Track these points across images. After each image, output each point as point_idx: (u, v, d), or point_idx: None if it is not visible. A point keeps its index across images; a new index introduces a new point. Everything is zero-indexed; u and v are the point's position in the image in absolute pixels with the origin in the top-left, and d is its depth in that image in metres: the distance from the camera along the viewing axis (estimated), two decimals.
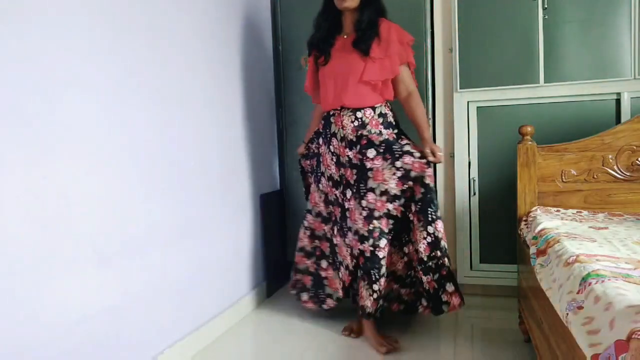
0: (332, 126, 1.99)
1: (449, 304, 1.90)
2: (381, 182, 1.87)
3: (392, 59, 1.90)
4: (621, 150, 1.88)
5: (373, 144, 1.90)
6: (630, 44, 2.22)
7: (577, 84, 2.29)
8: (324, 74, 1.99)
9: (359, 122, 1.93)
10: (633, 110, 2.22)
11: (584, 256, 1.10)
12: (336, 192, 2.01)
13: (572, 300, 0.96)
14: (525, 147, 1.93)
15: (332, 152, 2.00)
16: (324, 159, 2.04)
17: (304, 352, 1.91)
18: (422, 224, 1.87)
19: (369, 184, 1.89)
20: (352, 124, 1.93)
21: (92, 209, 1.40)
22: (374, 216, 1.89)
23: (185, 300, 1.87)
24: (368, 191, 1.89)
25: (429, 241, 1.87)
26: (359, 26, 1.90)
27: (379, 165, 1.88)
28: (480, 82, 2.44)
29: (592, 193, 1.91)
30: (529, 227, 1.72)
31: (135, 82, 1.60)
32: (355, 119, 1.94)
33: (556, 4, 2.29)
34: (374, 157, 1.89)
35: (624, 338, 0.69)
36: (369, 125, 1.93)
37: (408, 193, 1.89)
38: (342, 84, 1.92)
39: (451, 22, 2.47)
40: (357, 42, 1.90)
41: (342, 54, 1.93)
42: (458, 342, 1.98)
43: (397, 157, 1.87)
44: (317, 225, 2.16)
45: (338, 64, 1.94)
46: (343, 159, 1.97)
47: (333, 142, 1.99)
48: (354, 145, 1.93)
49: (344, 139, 1.95)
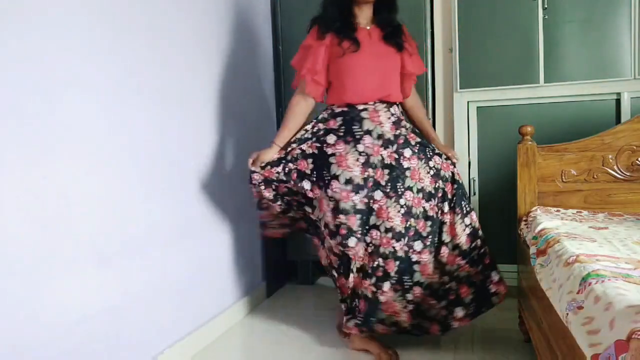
0: (366, 122, 1.80)
1: (498, 294, 1.82)
2: (417, 180, 1.80)
3: (418, 55, 1.95)
4: (621, 150, 1.88)
5: (409, 143, 1.84)
6: (630, 44, 2.22)
7: (577, 84, 2.29)
8: (351, 62, 1.78)
9: (396, 118, 1.85)
10: (633, 110, 2.22)
11: (584, 256, 1.10)
12: (354, 197, 1.76)
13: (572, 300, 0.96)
14: (525, 147, 1.93)
15: (360, 152, 1.78)
16: (341, 159, 1.78)
17: (305, 353, 1.91)
18: (460, 217, 1.83)
19: (406, 183, 1.79)
20: (389, 120, 1.82)
21: (92, 209, 1.40)
22: (411, 213, 1.78)
23: (185, 300, 1.87)
24: (406, 190, 1.79)
25: (467, 232, 1.83)
26: (389, 21, 1.85)
27: (415, 165, 1.81)
28: (480, 82, 2.44)
29: (592, 193, 1.91)
30: (529, 227, 1.72)
31: (135, 82, 1.60)
32: (391, 115, 1.84)
33: (556, 4, 2.29)
34: (410, 156, 1.81)
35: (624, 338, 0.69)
36: (403, 121, 1.89)
37: (440, 193, 1.83)
38: (384, 75, 1.82)
39: (451, 22, 2.47)
40: (391, 36, 1.83)
41: (374, 45, 1.82)
42: (458, 342, 1.98)
43: (429, 157, 1.85)
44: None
45: (374, 53, 1.80)
46: (374, 158, 1.78)
47: (365, 141, 1.79)
48: (391, 144, 1.81)
49: (381, 137, 1.80)
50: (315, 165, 1.82)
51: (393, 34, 1.84)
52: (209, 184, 2.05)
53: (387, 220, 1.76)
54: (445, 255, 1.81)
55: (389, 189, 1.78)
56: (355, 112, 1.81)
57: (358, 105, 1.81)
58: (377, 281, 1.77)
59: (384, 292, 1.77)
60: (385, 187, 1.79)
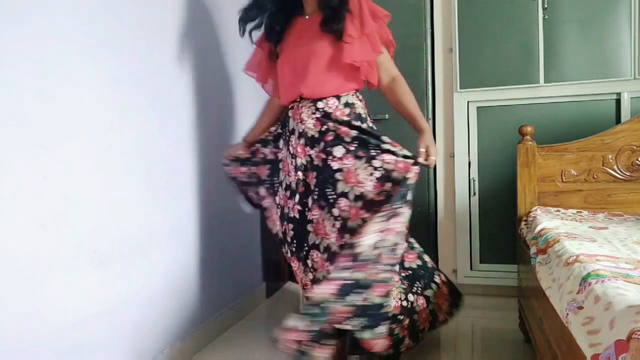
0: (290, 122, 1.65)
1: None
2: (355, 184, 1.50)
3: (372, 37, 1.57)
4: (621, 150, 1.88)
5: (341, 140, 1.54)
6: (630, 44, 2.22)
7: (577, 84, 2.30)
8: (279, 62, 1.68)
9: (321, 114, 1.59)
10: (633, 110, 2.22)
11: (584, 256, 1.10)
12: (290, 203, 1.63)
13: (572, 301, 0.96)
14: (525, 147, 1.93)
15: (291, 153, 1.64)
16: (284, 164, 1.68)
17: None
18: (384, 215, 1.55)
19: (338, 187, 1.52)
20: (312, 115, 1.59)
21: (92, 209, 1.40)
22: (347, 227, 1.51)
23: (185, 300, 1.87)
24: (339, 197, 1.51)
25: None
26: (327, 5, 1.57)
27: (350, 165, 1.52)
28: (480, 82, 2.44)
29: (592, 193, 1.91)
30: (529, 227, 1.72)
31: (135, 82, 1.60)
32: (316, 110, 1.59)
33: (556, 4, 2.29)
34: (342, 155, 1.53)
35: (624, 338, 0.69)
36: (333, 115, 1.58)
37: (383, 196, 1.49)
38: (302, 71, 1.59)
39: (451, 22, 2.47)
40: (327, 22, 1.56)
41: (304, 37, 1.62)
42: (458, 342, 1.98)
43: (373, 155, 1.51)
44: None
45: (297, 48, 1.62)
46: (302, 160, 1.60)
47: (292, 141, 1.64)
48: (317, 142, 1.57)
49: (303, 135, 1.60)
50: (270, 172, 1.78)
51: (333, 17, 1.55)
52: (209, 184, 2.05)
53: (324, 237, 1.55)
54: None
55: (317, 195, 1.56)
56: (287, 112, 1.71)
57: (288, 104, 1.69)
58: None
59: None
60: (313, 192, 1.57)
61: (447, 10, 2.50)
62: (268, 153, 1.79)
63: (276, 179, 1.75)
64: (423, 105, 2.54)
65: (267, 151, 1.79)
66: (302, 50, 1.61)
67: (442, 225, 2.56)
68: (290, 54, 1.64)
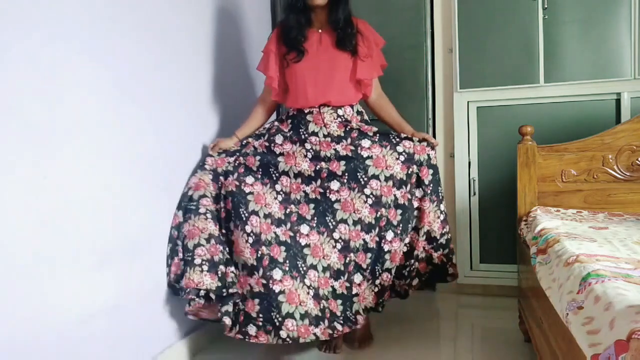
0: (311, 125, 1.89)
1: (454, 275, 1.95)
2: (384, 168, 1.83)
3: (375, 59, 1.95)
4: (621, 150, 1.88)
5: (366, 134, 1.87)
6: (630, 44, 2.22)
7: (577, 84, 2.29)
8: (298, 69, 1.89)
9: (343, 119, 1.91)
10: (633, 110, 2.22)
11: (584, 256, 1.10)
12: (306, 188, 1.85)
13: (572, 300, 0.96)
14: (525, 147, 1.93)
15: (307, 149, 1.87)
16: (288, 157, 1.86)
17: (305, 352, 1.91)
18: (435, 205, 1.90)
19: (369, 171, 1.82)
20: (335, 120, 1.90)
21: (92, 209, 1.40)
22: (381, 203, 1.81)
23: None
24: (370, 179, 1.82)
25: (442, 219, 1.91)
26: (337, 24, 1.87)
27: (378, 153, 1.84)
28: (480, 82, 2.44)
29: (592, 193, 1.91)
30: (529, 227, 1.72)
31: (135, 82, 1.60)
32: (338, 116, 1.91)
33: (556, 4, 2.29)
34: (369, 146, 1.85)
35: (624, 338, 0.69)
36: (353, 122, 1.92)
37: (414, 178, 1.86)
38: (326, 81, 1.88)
39: (451, 22, 2.47)
40: (342, 41, 1.87)
41: (322, 50, 1.89)
42: (458, 342, 1.98)
43: (395, 142, 1.87)
44: (264, 228, 1.76)
45: (319, 60, 1.88)
46: (326, 152, 1.85)
47: (311, 140, 1.87)
48: (343, 139, 1.87)
49: (329, 136, 1.88)
50: (261, 162, 1.87)
51: (346, 37, 1.87)
52: None
53: (353, 212, 1.81)
54: (415, 241, 1.89)
55: (345, 179, 1.83)
56: (302, 116, 1.91)
57: (305, 109, 1.91)
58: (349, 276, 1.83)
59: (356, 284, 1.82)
60: (342, 177, 1.83)
61: (447, 10, 2.50)
62: (258, 146, 1.92)
63: (273, 170, 1.87)
64: (423, 105, 2.54)
65: (257, 144, 1.93)
66: (324, 62, 1.88)
67: None
68: (312, 64, 1.88)
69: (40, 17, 1.25)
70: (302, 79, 1.89)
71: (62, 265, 1.29)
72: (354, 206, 1.81)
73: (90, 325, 1.38)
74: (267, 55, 1.94)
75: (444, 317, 2.32)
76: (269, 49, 1.93)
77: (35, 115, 1.23)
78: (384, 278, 1.85)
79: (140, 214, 1.61)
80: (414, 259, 1.89)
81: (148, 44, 1.67)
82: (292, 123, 1.93)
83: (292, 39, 1.87)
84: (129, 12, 1.58)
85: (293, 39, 1.87)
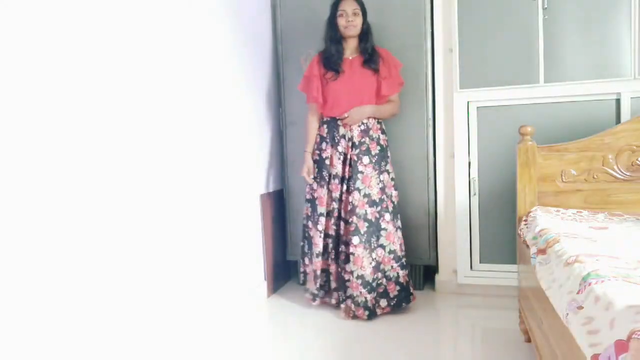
0: (342, 129, 2.35)
1: (413, 295, 2.32)
2: (367, 186, 2.27)
3: (395, 78, 2.39)
4: (621, 150, 1.88)
5: (369, 152, 2.31)
6: (630, 44, 2.22)
7: (577, 84, 2.29)
8: (335, 86, 2.35)
9: (365, 127, 2.34)
10: (633, 110, 2.22)
11: (584, 256, 1.10)
12: (339, 187, 2.33)
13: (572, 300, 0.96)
14: (525, 147, 1.93)
15: (339, 152, 2.33)
16: (331, 160, 2.35)
17: (306, 351, 1.91)
18: (396, 229, 2.30)
19: (356, 184, 2.27)
20: (359, 128, 2.34)
21: (92, 209, 1.40)
22: (355, 212, 2.25)
23: (186, 300, 1.87)
24: (354, 190, 2.27)
25: (401, 242, 2.32)
26: (365, 50, 2.35)
27: (368, 172, 2.28)
28: (480, 82, 2.44)
29: (592, 193, 1.91)
30: (529, 227, 1.72)
31: (135, 82, 1.60)
32: (362, 124, 2.33)
33: (556, 4, 2.29)
34: (367, 163, 2.29)
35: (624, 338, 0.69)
36: (371, 131, 2.34)
37: (384, 204, 2.28)
38: (357, 96, 2.33)
39: (451, 22, 2.47)
40: (369, 62, 2.33)
41: (354, 72, 2.34)
42: (458, 342, 1.98)
43: (381, 171, 2.32)
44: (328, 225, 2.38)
45: (353, 79, 2.34)
46: (348, 156, 2.32)
47: (342, 143, 2.34)
48: (356, 147, 2.31)
49: (351, 140, 2.33)
50: (317, 169, 2.39)
51: (370, 60, 2.35)
52: (210, 184, 2.05)
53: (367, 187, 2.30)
54: (381, 257, 2.25)
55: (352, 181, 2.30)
56: (335, 122, 2.37)
57: (337, 117, 2.35)
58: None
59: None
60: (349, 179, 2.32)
61: (447, 10, 2.50)
62: (315, 155, 2.43)
63: (325, 172, 2.36)
64: (423, 105, 2.54)
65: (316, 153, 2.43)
66: (355, 81, 2.35)
67: (442, 225, 2.56)
68: (348, 83, 2.34)
69: (39, 14, 1.25)
70: (338, 94, 2.35)
71: (62, 265, 1.30)
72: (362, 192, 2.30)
73: (90, 325, 1.39)
74: (310, 78, 2.40)
75: (444, 317, 2.32)
76: (312, 73, 2.38)
77: (35, 115, 1.23)
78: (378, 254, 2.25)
79: (140, 213, 1.61)
80: (381, 273, 2.25)
81: (148, 42, 1.67)
82: (327, 127, 2.39)
83: (333, 63, 2.34)
84: (130, 9, 1.58)
85: (333, 62, 2.34)
